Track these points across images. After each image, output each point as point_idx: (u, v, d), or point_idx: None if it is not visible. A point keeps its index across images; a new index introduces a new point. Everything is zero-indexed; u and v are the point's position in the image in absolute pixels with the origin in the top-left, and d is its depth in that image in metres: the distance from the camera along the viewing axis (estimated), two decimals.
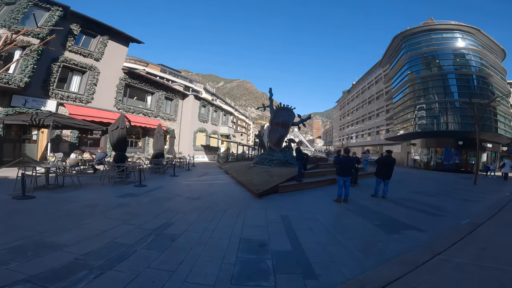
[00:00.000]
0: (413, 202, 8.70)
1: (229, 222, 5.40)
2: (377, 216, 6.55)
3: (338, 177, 7.99)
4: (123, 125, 10.94)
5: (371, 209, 7.29)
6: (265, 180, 9.80)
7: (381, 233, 5.27)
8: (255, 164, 14.10)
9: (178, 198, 7.50)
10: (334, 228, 5.38)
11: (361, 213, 6.81)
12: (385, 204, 8.08)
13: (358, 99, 59.32)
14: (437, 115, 29.54)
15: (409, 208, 7.67)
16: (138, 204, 6.63)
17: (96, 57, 17.26)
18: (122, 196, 7.37)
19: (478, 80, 28.65)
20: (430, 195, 10.54)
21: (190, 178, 12.06)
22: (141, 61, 49.52)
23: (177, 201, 7.19)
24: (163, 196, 7.69)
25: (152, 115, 21.69)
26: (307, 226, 5.42)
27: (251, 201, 7.63)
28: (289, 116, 14.58)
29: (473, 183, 15.35)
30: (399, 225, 5.84)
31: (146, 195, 7.75)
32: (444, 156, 28.64)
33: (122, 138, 10.89)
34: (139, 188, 8.70)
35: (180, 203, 6.98)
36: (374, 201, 8.53)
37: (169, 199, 7.34)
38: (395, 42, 35.98)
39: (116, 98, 18.52)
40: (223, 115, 34.59)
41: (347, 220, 6.12)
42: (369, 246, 4.48)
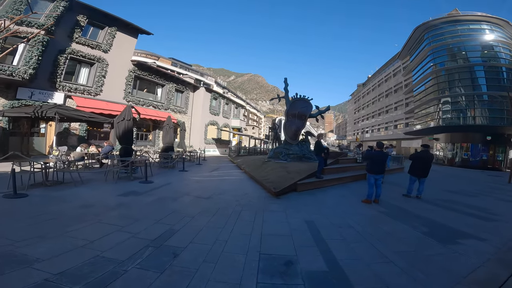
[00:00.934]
0: (454, 203, 7.57)
1: (245, 229, 4.50)
2: (420, 221, 5.51)
3: (369, 174, 6.96)
4: (129, 117, 10.19)
5: (409, 212, 6.24)
6: (282, 177, 8.84)
7: (435, 243, 4.30)
8: (269, 158, 13.15)
9: (185, 198, 6.65)
10: (373, 238, 4.39)
11: (399, 217, 5.78)
12: (423, 206, 6.99)
13: (374, 92, 57.10)
14: (464, 109, 27.61)
15: (453, 211, 6.59)
16: (140, 204, 5.82)
17: (105, 48, 16.67)
18: (124, 195, 6.59)
19: (508, 73, 26.51)
20: (468, 195, 9.35)
21: (200, 174, 11.26)
22: (152, 55, 49.13)
23: (184, 201, 6.34)
24: (169, 195, 6.87)
25: (162, 108, 21.04)
26: (339, 234, 4.47)
27: (267, 201, 6.70)
28: (307, 107, 13.51)
29: (508, 182, 13.91)
30: (452, 233, 4.85)
31: (150, 193, 6.95)
32: (471, 152, 26.75)
33: (128, 131, 10.16)
34: (144, 185, 7.93)
35: (188, 203, 6.13)
36: (408, 202, 7.45)
37: (175, 198, 6.51)
38: (417, 33, 33.91)
39: (126, 90, 17.92)
40: (235, 108, 33.71)
41: (385, 226, 5.10)
42: (427, 262, 3.55)
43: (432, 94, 30.81)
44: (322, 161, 9.17)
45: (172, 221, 4.72)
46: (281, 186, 7.59)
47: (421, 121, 33.95)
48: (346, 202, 7.12)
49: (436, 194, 8.86)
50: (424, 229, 4.98)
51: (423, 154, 8.05)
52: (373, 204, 6.84)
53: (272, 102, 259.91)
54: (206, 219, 4.93)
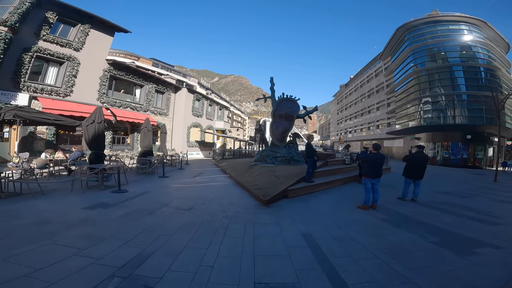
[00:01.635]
0: (451, 206, 7.24)
1: (234, 249, 3.80)
2: (424, 228, 5.06)
3: (365, 178, 6.46)
4: (100, 119, 9.20)
5: (410, 218, 5.78)
6: (271, 182, 8.21)
7: (450, 255, 3.86)
8: (256, 162, 12.50)
9: (164, 210, 5.84)
10: (382, 252, 3.83)
11: (402, 224, 5.29)
12: (422, 210, 6.58)
13: (356, 93, 57.98)
14: (444, 108, 28.25)
15: (453, 215, 6.21)
16: (108, 219, 4.98)
17: (76, 46, 15.41)
18: (90, 208, 5.69)
19: (486, 73, 27.44)
20: (461, 196, 9.12)
21: (182, 180, 10.40)
22: (131, 55, 47.32)
23: (162, 214, 5.53)
24: (145, 206, 6.03)
25: (141, 109, 19.87)
26: (343, 250, 3.88)
27: (257, 211, 6.01)
28: (294, 107, 12.98)
29: (493, 180, 14.02)
30: (464, 241, 4.45)
31: (123, 205, 6.08)
32: (451, 151, 27.39)
33: (99, 134, 9.16)
34: (116, 195, 7.02)
35: (166, 217, 5.33)
36: (406, 206, 7.02)
37: (152, 211, 5.68)
38: (398, 33, 34.54)
39: (100, 91, 16.67)
40: (219, 109, 32.81)
41: (390, 236, 4.57)
42: (450, 279, 3.11)
43: (413, 94, 31.39)
44: (313, 165, 8.60)
45: (146, 241, 3.94)
46: (271, 193, 6.94)
47: (403, 121, 34.53)
48: (342, 208, 6.57)
49: (429, 196, 8.55)
50: (432, 238, 4.50)
51: (418, 155, 7.68)
52: (370, 211, 6.34)
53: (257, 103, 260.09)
54: (187, 237, 4.19)
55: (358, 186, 10.18)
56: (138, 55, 48.71)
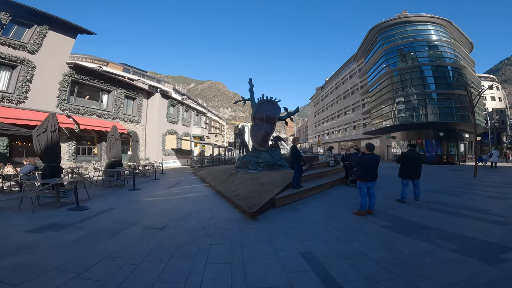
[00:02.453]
0: (446, 205, 6.85)
1: (220, 281, 2.97)
2: (436, 233, 4.55)
3: (360, 182, 5.88)
4: (53, 127, 7.98)
5: (414, 223, 5.24)
6: (255, 191, 7.43)
7: (479, 264, 3.34)
8: (237, 169, 11.66)
9: (131, 230, 4.84)
10: (401, 268, 3.21)
11: (408, 231, 4.72)
12: (422, 213, 6.09)
13: (332, 95, 59.00)
14: (416, 107, 29.08)
15: (456, 216, 5.78)
16: (58, 245, 3.93)
17: (31, 49, 13.85)
18: (36, 230, 4.59)
19: (454, 72, 28.62)
20: (451, 194, 8.87)
21: (156, 192, 9.30)
22: (100, 60, 44.86)
23: (128, 235, 4.55)
24: (107, 226, 5.00)
25: (109, 117, 18.33)
26: (355, 270, 3.19)
27: (243, 226, 5.19)
28: (275, 109, 12.35)
29: (474, 176, 14.20)
30: (483, 246, 4.01)
31: (79, 226, 5.01)
32: (426, 148, 28.20)
33: (53, 145, 7.92)
34: (74, 214, 5.89)
35: (133, 240, 4.35)
36: (403, 209, 6.52)
37: (116, 232, 4.68)
38: (371, 34, 35.37)
39: (60, 97, 15.05)
40: (195, 115, 31.59)
41: (403, 247, 3.93)
42: None
43: (387, 94, 32.14)
44: (299, 170, 7.93)
45: (104, 273, 3.02)
46: (256, 203, 6.15)
47: (378, 121, 35.28)
48: (337, 216, 5.92)
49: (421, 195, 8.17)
50: (449, 245, 3.95)
51: (412, 154, 7.35)
52: (368, 217, 5.75)
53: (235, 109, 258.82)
54: (159, 267, 3.29)
55: (346, 188, 9.72)
56: (107, 60, 46.29)
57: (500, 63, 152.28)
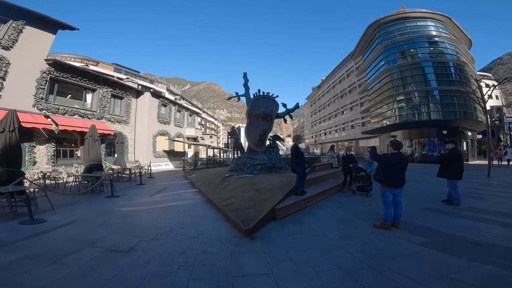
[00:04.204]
0: (481, 212, 5.78)
1: None
2: (493, 251, 3.57)
3: (383, 188, 4.73)
4: (12, 127, 6.76)
5: (460, 238, 4.21)
6: (252, 199, 6.23)
7: None
8: (231, 171, 10.48)
9: (84, 253, 3.64)
10: None
11: (457, 250, 3.62)
12: (460, 223, 4.98)
13: (329, 94, 58.08)
14: (418, 105, 28.17)
15: (500, 226, 4.68)
16: None
17: (5, 44, 12.63)
18: None
19: (456, 68, 27.81)
20: (474, 197, 7.75)
21: (137, 200, 8.06)
22: (90, 60, 43.36)
23: (77, 261, 3.34)
24: (55, 247, 3.84)
25: (93, 117, 17.01)
26: None
27: (237, 248, 4.00)
28: (272, 105, 11.19)
29: (487, 176, 13.18)
30: None
31: (21, 244, 3.89)
32: (428, 147, 27.28)
33: (12, 147, 6.68)
34: (24, 228, 4.73)
35: (80, 268, 3.13)
36: (434, 217, 5.40)
37: (61, 256, 3.47)
38: (369, 31, 34.47)
39: (37, 96, 13.72)
40: (189, 115, 30.30)
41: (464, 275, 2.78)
42: None
43: (387, 92, 31.22)
44: (303, 173, 6.78)
45: None
46: (253, 216, 4.98)
47: (378, 120, 34.34)
48: (354, 230, 4.80)
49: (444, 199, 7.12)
50: None
51: (458, 152, 6.79)
52: (395, 230, 4.60)
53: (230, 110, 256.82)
54: None
55: (355, 194, 8.56)
56: (97, 60, 44.79)
57: (492, 62, 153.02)
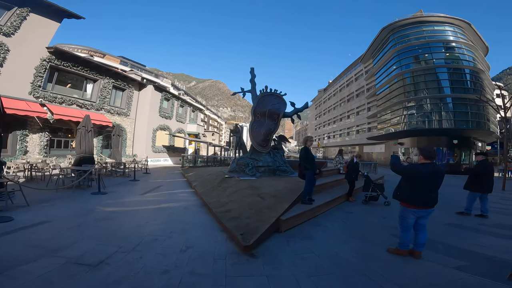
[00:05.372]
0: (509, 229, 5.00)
1: None
2: None
3: (404, 208, 3.79)
4: None
5: (505, 261, 3.35)
6: (253, 206, 5.46)
7: None
8: (231, 172, 9.72)
9: (39, 264, 2.91)
10: None
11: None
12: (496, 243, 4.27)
13: (335, 97, 57.12)
14: (429, 112, 27.20)
15: None
16: None
17: (6, 31, 12.15)
18: None
19: (472, 75, 26.82)
20: (499, 212, 7.12)
21: (125, 198, 7.30)
22: (96, 51, 42.90)
23: (28, 275, 2.65)
24: (7, 254, 3.15)
25: (92, 108, 16.36)
26: None
27: (233, 269, 3.23)
28: (279, 103, 10.40)
29: (502, 189, 12.35)
30: None
31: None
32: (437, 156, 26.33)
33: None
34: None
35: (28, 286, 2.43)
36: (462, 235, 4.69)
37: (8, 267, 2.75)
38: (382, 34, 33.51)
39: (34, 83, 13.09)
40: (191, 111, 29.62)
41: None
42: None
43: (397, 98, 30.29)
44: (312, 179, 6.00)
45: None
46: (254, 229, 4.21)
47: (385, 126, 33.40)
48: (374, 248, 4.05)
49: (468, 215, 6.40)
50: None
51: (488, 163, 6.40)
52: (413, 260, 3.74)
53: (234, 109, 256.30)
54: None
55: (366, 204, 7.76)
56: (104, 52, 44.36)
57: (502, 72, 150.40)
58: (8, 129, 12.10)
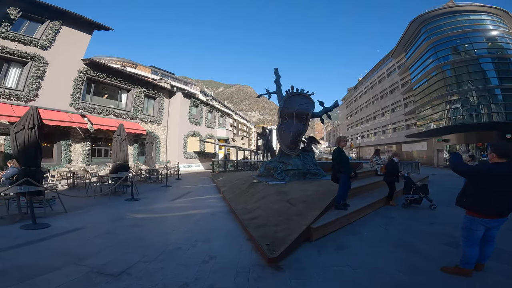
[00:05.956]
0: None
1: None
2: None
3: (472, 218, 3.09)
4: (33, 124, 6.45)
5: None
6: (281, 213, 5.15)
7: None
8: (259, 177, 9.49)
9: (64, 272, 2.91)
10: None
11: None
12: None
13: (367, 95, 54.58)
14: (476, 105, 24.75)
15: None
16: None
17: (43, 44, 13.09)
18: None
19: None
20: None
21: (155, 205, 7.39)
22: (129, 62, 45.53)
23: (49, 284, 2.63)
24: (36, 261, 3.20)
25: (127, 117, 17.21)
26: None
27: (255, 284, 2.95)
28: (307, 103, 9.98)
29: None
30: None
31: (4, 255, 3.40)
32: None
33: (30, 145, 6.37)
34: (21, 233, 4.34)
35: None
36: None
37: (31, 275, 2.76)
38: (412, 27, 31.45)
39: (74, 95, 14.06)
40: (220, 116, 30.04)
41: None
42: None
43: (437, 92, 27.99)
44: (346, 183, 5.54)
45: None
46: (282, 239, 3.90)
47: (425, 122, 31.01)
48: (423, 262, 3.50)
49: None
50: None
51: None
52: (474, 272, 3.18)
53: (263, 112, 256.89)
54: None
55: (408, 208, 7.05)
56: (136, 62, 46.95)
57: None
58: (52, 140, 13.09)
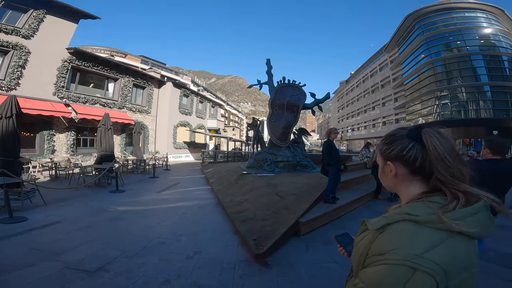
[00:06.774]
0: None
1: None
2: None
3: None
4: (10, 113, 6.08)
5: None
6: (270, 206, 5.05)
7: None
8: (249, 168, 9.36)
9: (37, 269, 2.69)
10: None
11: None
12: None
13: (359, 89, 54.88)
14: (464, 101, 25.18)
15: None
16: None
17: (25, 33, 12.43)
18: None
19: (510, 62, 24.46)
20: None
21: (141, 196, 7.18)
22: (118, 52, 44.22)
23: (19, 281, 2.44)
24: (8, 258, 3.03)
25: (114, 106, 16.70)
26: None
27: (241, 281, 2.84)
28: (299, 95, 9.84)
29: None
30: None
31: None
32: (475, 148, 24.29)
33: (9, 135, 6.03)
34: None
35: None
36: None
37: (3, 272, 2.58)
38: (407, 22, 31.51)
39: (57, 84, 13.47)
40: (211, 106, 29.63)
41: None
42: None
43: (427, 87, 28.36)
44: (336, 176, 5.47)
45: None
46: (269, 233, 3.79)
47: (415, 117, 31.45)
48: None
49: None
50: None
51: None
52: None
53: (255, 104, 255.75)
54: None
55: (392, 202, 7.07)
56: (125, 52, 45.65)
57: None
58: (35, 129, 12.58)
